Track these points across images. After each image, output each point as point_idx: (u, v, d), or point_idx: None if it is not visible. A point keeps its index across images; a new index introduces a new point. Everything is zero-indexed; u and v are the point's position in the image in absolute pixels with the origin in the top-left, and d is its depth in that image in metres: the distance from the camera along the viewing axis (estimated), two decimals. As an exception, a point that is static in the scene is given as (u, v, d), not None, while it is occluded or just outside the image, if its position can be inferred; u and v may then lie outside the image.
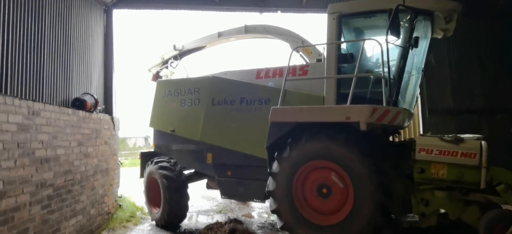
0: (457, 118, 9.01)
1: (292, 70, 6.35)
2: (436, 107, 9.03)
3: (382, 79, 5.11)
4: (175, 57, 8.31)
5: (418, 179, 4.73)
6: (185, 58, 8.46)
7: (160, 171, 6.65)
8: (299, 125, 5.50)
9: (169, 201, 6.49)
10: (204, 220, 7.33)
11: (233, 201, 8.83)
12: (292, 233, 5.40)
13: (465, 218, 4.47)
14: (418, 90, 6.40)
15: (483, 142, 4.37)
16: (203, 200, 9.39)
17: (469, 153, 4.42)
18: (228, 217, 7.18)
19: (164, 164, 6.78)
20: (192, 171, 7.46)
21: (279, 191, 5.49)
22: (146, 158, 7.40)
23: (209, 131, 6.72)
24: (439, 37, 6.66)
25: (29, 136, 4.35)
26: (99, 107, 6.72)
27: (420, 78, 6.34)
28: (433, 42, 7.90)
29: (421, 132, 9.03)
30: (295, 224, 5.36)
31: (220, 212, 8.21)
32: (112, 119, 7.11)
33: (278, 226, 5.54)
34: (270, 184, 5.61)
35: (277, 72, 6.66)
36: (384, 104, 5.10)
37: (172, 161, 6.93)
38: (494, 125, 8.89)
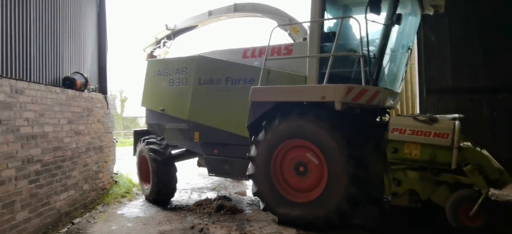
0: (456, 97, 8.79)
1: (278, 49, 6.33)
2: (435, 87, 8.82)
3: (361, 58, 5.05)
4: (169, 37, 8.41)
5: (391, 159, 4.73)
6: (179, 38, 8.55)
7: (149, 149, 6.90)
8: (280, 105, 5.55)
9: (157, 177, 6.76)
10: (196, 197, 7.56)
11: (228, 179, 9.05)
12: (274, 213, 5.55)
13: (435, 198, 4.46)
14: (404, 69, 6.27)
15: (456, 122, 4.30)
16: (199, 178, 9.65)
17: (442, 133, 4.36)
18: (217, 194, 7.37)
19: (152, 142, 7.02)
20: (184, 149, 7.67)
21: (258, 174, 5.64)
22: (138, 136, 7.66)
23: (196, 110, 6.85)
24: (431, 13, 6.45)
25: (12, 113, 4.56)
26: (90, 87, 6.92)
27: (407, 57, 6.21)
28: (433, 19, 7.69)
29: (418, 111, 8.87)
30: (275, 204, 5.51)
31: (214, 189, 8.43)
32: (105, 97, 7.32)
33: (261, 208, 5.70)
34: (250, 167, 5.75)
35: (263, 51, 6.66)
36: (363, 83, 5.07)
37: (160, 139, 7.16)
38: (496, 104, 8.62)
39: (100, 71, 7.54)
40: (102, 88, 7.56)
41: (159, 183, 6.79)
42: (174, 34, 8.48)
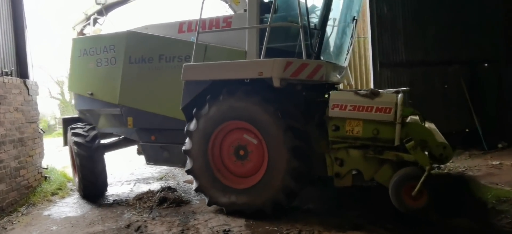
0: (410, 71, 8.61)
1: (216, 22, 5.74)
2: (389, 60, 8.59)
3: (300, 30, 4.58)
4: (100, 13, 7.54)
5: (333, 137, 4.34)
6: (112, 13, 7.70)
7: (73, 138, 6.19)
8: (217, 84, 5.00)
9: (82, 173, 6.12)
10: (139, 189, 6.93)
11: (178, 167, 8.45)
12: (220, 205, 5.09)
13: (379, 178, 4.14)
14: (350, 42, 5.88)
15: (399, 95, 3.95)
16: (146, 167, 8.98)
17: (384, 108, 4.00)
18: (161, 186, 6.78)
19: (77, 130, 6.33)
20: (121, 137, 6.99)
21: (197, 168, 5.16)
22: (68, 124, 6.87)
23: (128, 93, 6.17)
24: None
25: None
26: (5, 70, 6.02)
27: (353, 28, 5.81)
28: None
29: (372, 86, 8.63)
30: (220, 195, 5.05)
31: (161, 179, 7.83)
32: (25, 82, 6.44)
33: (194, 188, 5.21)
34: (188, 162, 5.24)
35: (201, 25, 6.06)
36: (303, 57, 4.62)
37: (87, 127, 6.45)
38: (447, 77, 8.53)
39: (18, 51, 6.58)
40: (22, 72, 6.63)
41: (85, 180, 6.15)
42: (106, 9, 7.59)
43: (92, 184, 6.21)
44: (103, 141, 6.96)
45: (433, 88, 8.58)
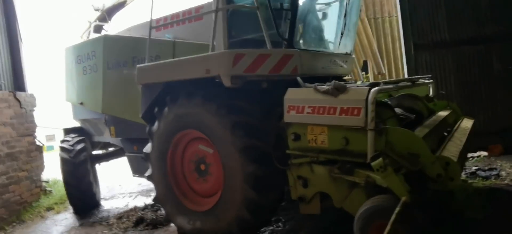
0: (457, 51, 6.83)
1: (188, 13, 5.00)
2: (426, 41, 6.90)
3: (257, 13, 3.59)
4: (103, 19, 7.28)
5: (293, 150, 3.24)
6: (117, 17, 7.42)
7: (60, 152, 5.94)
8: (172, 86, 4.23)
9: (67, 185, 5.89)
10: (134, 204, 6.45)
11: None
12: (176, 226, 4.31)
13: (348, 207, 2.93)
14: (344, 23, 4.60)
15: (373, 90, 2.72)
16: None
17: (351, 109, 2.81)
18: (144, 203, 6.23)
19: (64, 144, 6.06)
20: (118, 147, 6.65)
21: (156, 176, 4.41)
22: (70, 134, 6.68)
23: (108, 101, 5.75)
24: None
25: None
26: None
27: (348, 6, 4.54)
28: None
29: (406, 75, 7.05)
30: (176, 213, 4.27)
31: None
32: (15, 95, 6.36)
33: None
34: (149, 167, 4.53)
35: (178, 18, 5.34)
36: (268, 46, 3.62)
37: (75, 139, 6.16)
38: (510, 55, 6.59)
39: (13, 65, 6.55)
40: (17, 84, 6.60)
41: (71, 196, 5.90)
42: (107, 14, 7.34)
43: (79, 200, 5.97)
44: (96, 152, 6.69)
45: (490, 72, 6.71)
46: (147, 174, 4.53)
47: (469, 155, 6.83)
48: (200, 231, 3.98)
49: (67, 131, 6.96)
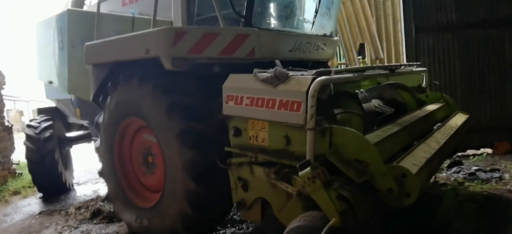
0: (463, 35, 6.08)
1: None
2: (429, 23, 6.17)
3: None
4: None
5: (234, 147, 2.76)
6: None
7: (25, 129, 5.71)
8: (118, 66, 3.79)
9: (30, 166, 5.68)
10: (99, 192, 6.16)
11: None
12: (126, 223, 3.96)
13: (283, 219, 2.45)
14: (317, 2, 4.00)
15: (316, 80, 2.19)
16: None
17: (291, 102, 2.29)
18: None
19: (31, 123, 5.79)
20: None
21: (105, 170, 4.06)
22: (44, 114, 6.42)
23: (74, 81, 5.36)
24: None
25: None
26: None
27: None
28: None
29: (405, 60, 6.37)
30: (124, 210, 3.90)
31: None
32: (-23, 74, 6.10)
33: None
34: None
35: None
36: (221, 24, 3.14)
37: (43, 119, 5.88)
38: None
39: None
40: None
41: (35, 176, 5.70)
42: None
43: (43, 179, 5.77)
44: (72, 134, 6.41)
45: (501, 59, 5.96)
46: (98, 170, 4.18)
47: (471, 152, 6.19)
48: (147, 230, 3.59)
49: (40, 111, 6.70)
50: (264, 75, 2.45)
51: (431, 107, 3.93)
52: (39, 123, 5.84)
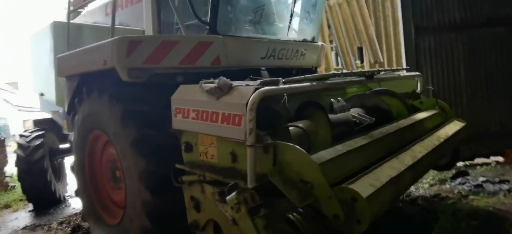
0: (469, 35, 5.67)
1: (130, -5, 4.45)
2: (431, 23, 5.79)
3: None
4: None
5: (186, 163, 2.56)
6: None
7: (17, 139, 5.77)
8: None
9: (19, 174, 5.72)
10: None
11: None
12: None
13: None
14: (292, 4, 3.75)
15: (258, 91, 1.96)
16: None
17: (233, 115, 2.07)
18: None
19: (21, 139, 5.81)
20: None
21: (79, 188, 3.95)
22: (40, 125, 6.45)
23: (61, 93, 5.31)
24: None
25: None
26: None
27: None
28: None
29: (405, 65, 6.00)
30: (95, 227, 3.75)
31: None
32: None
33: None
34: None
35: (124, 2, 4.80)
36: (183, 31, 2.99)
37: (36, 129, 5.92)
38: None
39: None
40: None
41: (24, 184, 5.71)
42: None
43: (34, 189, 5.75)
44: (63, 146, 6.40)
45: (510, 59, 5.52)
46: (75, 190, 4.09)
47: (480, 160, 5.74)
48: None
49: (37, 122, 6.74)
50: (208, 86, 2.25)
51: (421, 115, 3.61)
52: (31, 132, 5.88)
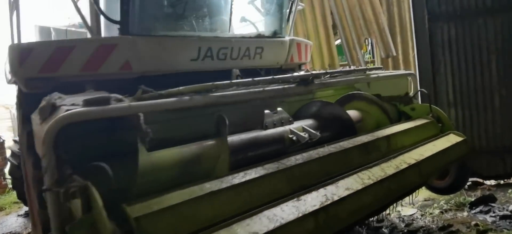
0: (502, 20, 4.53)
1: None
2: (446, 10, 4.71)
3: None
4: None
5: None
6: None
7: (10, 147, 5.83)
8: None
9: (13, 183, 5.77)
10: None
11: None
12: None
13: None
14: None
15: (59, 116, 1.43)
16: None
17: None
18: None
19: (14, 145, 5.88)
20: None
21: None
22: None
23: None
24: None
25: None
26: None
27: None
28: None
29: (416, 57, 4.98)
30: None
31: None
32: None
33: None
34: None
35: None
36: (94, 34, 2.61)
37: None
38: None
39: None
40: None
41: (18, 192, 5.65)
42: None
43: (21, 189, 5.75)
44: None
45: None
46: None
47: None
48: None
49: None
50: (42, 103, 1.76)
51: (397, 128, 2.78)
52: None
